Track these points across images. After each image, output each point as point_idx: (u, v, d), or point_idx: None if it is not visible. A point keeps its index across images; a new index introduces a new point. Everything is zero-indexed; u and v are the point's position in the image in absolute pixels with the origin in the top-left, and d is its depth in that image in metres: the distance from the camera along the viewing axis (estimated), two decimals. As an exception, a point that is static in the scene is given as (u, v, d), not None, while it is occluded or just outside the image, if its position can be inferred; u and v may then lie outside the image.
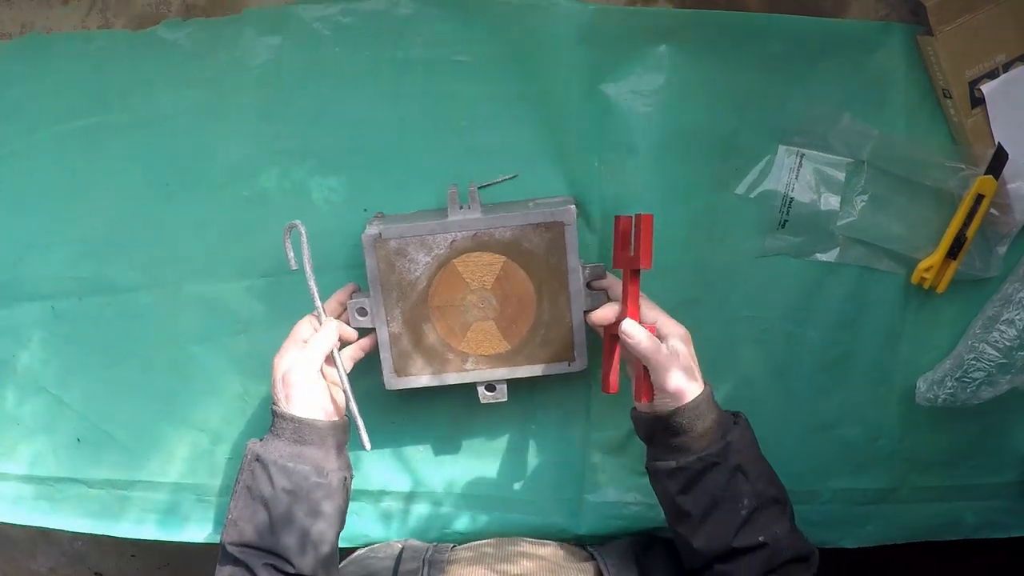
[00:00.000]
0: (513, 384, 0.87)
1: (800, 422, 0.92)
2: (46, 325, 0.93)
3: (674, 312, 0.88)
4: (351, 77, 0.85)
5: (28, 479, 0.98)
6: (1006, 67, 0.81)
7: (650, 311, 0.77)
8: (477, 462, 0.94)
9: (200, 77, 0.86)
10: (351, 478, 0.81)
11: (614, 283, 0.81)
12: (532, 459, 0.94)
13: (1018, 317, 0.83)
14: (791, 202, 0.85)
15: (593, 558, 0.83)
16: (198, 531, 0.98)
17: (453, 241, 0.80)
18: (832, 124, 0.83)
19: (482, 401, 0.86)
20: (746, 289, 0.88)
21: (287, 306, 0.90)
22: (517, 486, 0.94)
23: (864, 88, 0.83)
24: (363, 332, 0.84)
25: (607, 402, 0.91)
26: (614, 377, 0.78)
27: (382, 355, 0.84)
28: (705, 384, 0.75)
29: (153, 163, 0.88)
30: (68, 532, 1.00)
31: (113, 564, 1.79)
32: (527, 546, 0.86)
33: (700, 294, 0.89)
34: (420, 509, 0.95)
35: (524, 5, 0.82)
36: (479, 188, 0.86)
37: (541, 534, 0.93)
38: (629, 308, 0.74)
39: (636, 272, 0.74)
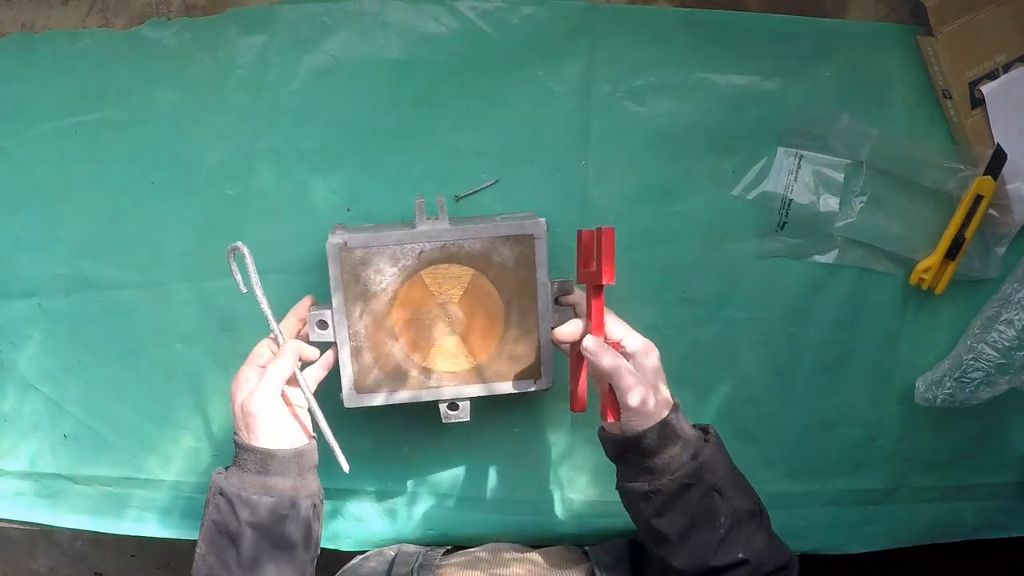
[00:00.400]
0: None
1: (800, 422, 0.92)
2: (34, 322, 0.93)
3: (674, 312, 0.88)
4: (335, 77, 0.85)
5: (25, 475, 0.99)
6: (1006, 67, 0.81)
7: (616, 327, 0.73)
8: (464, 465, 0.94)
9: (184, 76, 0.86)
10: (322, 503, 0.79)
11: (582, 299, 0.77)
12: (517, 461, 0.94)
13: (1017, 318, 0.83)
14: (790, 204, 0.85)
15: (588, 559, 0.82)
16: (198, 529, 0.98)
17: (421, 252, 0.77)
18: (831, 124, 0.83)
19: (444, 421, 0.83)
20: (746, 290, 0.88)
21: (272, 305, 0.90)
22: (503, 488, 0.94)
23: (864, 88, 0.83)
24: (324, 348, 0.81)
25: (589, 404, 0.91)
26: (582, 394, 0.76)
27: (342, 371, 0.80)
28: (674, 401, 0.72)
29: (139, 161, 0.88)
30: (67, 529, 1.00)
31: (113, 564, 1.80)
32: (519, 551, 0.86)
33: (700, 295, 0.89)
34: (414, 510, 0.95)
35: (517, 3, 0.82)
36: (461, 197, 0.86)
37: (529, 533, 0.93)
38: (593, 324, 0.71)
39: (599, 288, 0.71)
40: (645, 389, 0.69)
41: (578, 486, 0.94)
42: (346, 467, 0.77)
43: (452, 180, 0.86)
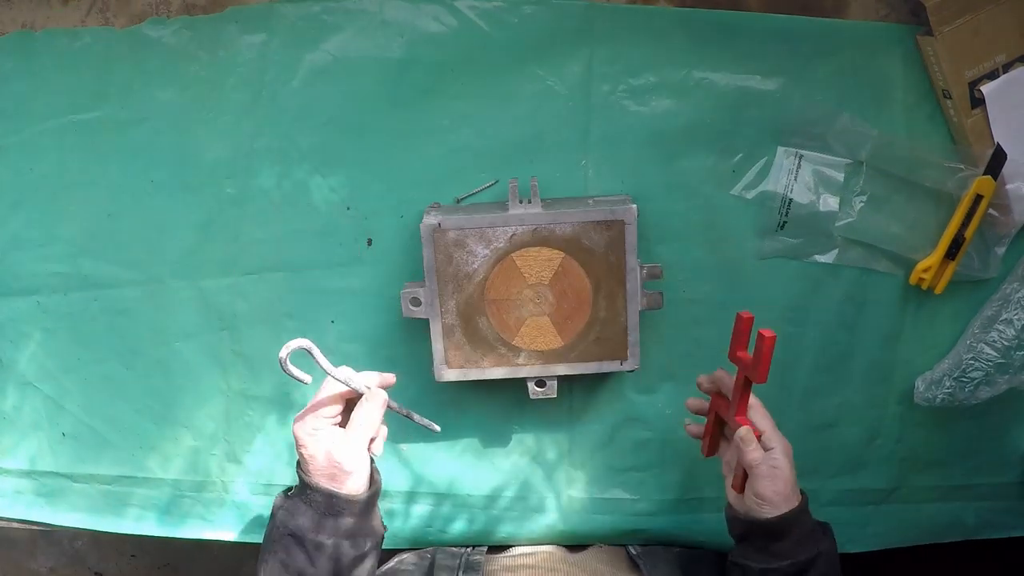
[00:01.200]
0: (496, 385, 0.86)
1: (799, 422, 0.92)
2: (33, 320, 0.93)
3: (675, 312, 0.88)
4: (335, 76, 0.85)
5: (24, 474, 0.99)
6: (1006, 67, 0.81)
7: (760, 419, 0.77)
8: (462, 464, 0.94)
9: (183, 75, 0.86)
10: (382, 539, 0.80)
11: (724, 376, 0.79)
12: (517, 458, 0.94)
13: (1016, 317, 0.83)
14: (790, 203, 0.85)
15: (638, 568, 0.84)
16: (197, 528, 0.98)
17: (513, 235, 0.80)
18: (831, 124, 0.83)
19: (532, 396, 0.86)
20: (745, 290, 0.88)
21: (269, 304, 0.90)
22: (502, 486, 0.94)
23: (863, 88, 0.83)
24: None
25: (588, 402, 0.92)
26: (712, 444, 0.81)
27: (435, 346, 0.84)
28: (802, 495, 0.76)
29: (139, 160, 0.88)
30: (67, 528, 1.00)
31: (113, 564, 1.79)
32: (570, 554, 0.88)
33: (700, 294, 0.89)
34: (412, 510, 0.95)
35: (517, 2, 0.82)
36: (461, 199, 0.86)
37: (529, 531, 0.94)
38: (738, 409, 0.76)
39: (750, 381, 0.74)
40: (776, 483, 0.74)
41: (577, 484, 0.94)
42: (437, 428, 0.83)
43: (452, 180, 0.87)
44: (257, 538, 0.98)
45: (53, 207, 0.90)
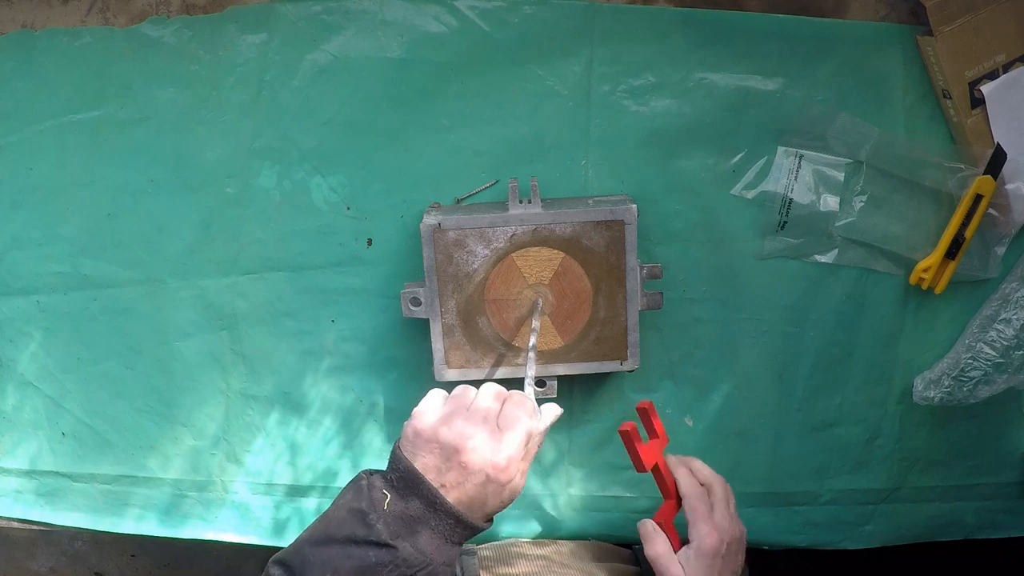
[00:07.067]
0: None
1: (799, 422, 0.92)
2: (33, 320, 0.93)
3: (675, 312, 0.89)
4: (335, 76, 0.85)
5: (24, 474, 0.99)
6: (1006, 67, 0.81)
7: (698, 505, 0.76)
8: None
9: (183, 74, 0.85)
10: None
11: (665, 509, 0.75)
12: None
13: (1015, 317, 0.83)
14: (790, 203, 0.85)
15: (637, 564, 0.83)
16: (198, 528, 0.98)
17: (513, 235, 0.80)
18: (831, 124, 0.83)
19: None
20: (746, 290, 0.88)
21: (269, 303, 0.90)
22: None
23: (863, 88, 0.83)
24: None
25: (588, 402, 0.92)
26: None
27: (434, 346, 0.84)
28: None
29: (139, 159, 0.88)
30: (67, 528, 1.00)
31: (113, 564, 1.79)
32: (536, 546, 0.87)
33: (700, 295, 0.89)
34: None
35: (517, 2, 0.82)
36: (461, 199, 0.86)
37: (529, 528, 0.94)
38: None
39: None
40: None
41: (577, 482, 0.94)
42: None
43: (452, 180, 0.87)
44: (257, 538, 0.98)
45: (53, 207, 0.90)
